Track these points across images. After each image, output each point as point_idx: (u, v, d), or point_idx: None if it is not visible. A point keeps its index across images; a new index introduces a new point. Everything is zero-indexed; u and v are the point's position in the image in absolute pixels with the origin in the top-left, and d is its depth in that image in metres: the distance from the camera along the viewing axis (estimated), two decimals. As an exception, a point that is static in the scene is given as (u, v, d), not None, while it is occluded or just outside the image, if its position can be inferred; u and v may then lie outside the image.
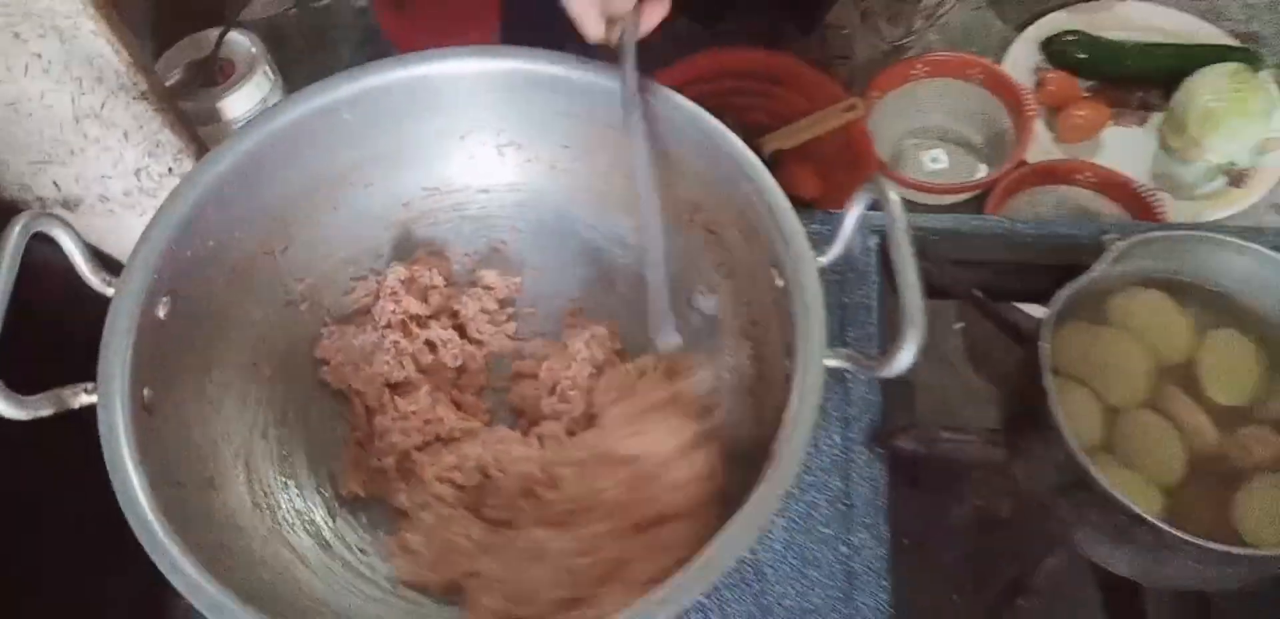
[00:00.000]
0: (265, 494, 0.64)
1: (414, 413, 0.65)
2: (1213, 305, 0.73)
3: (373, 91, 0.68)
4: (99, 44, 0.73)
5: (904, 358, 0.55)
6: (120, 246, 0.59)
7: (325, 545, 0.64)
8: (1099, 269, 0.68)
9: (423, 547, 0.61)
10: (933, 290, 0.86)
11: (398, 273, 0.69)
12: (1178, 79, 1.26)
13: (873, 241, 0.85)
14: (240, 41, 1.13)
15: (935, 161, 1.26)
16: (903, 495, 0.75)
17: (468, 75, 0.70)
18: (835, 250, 0.62)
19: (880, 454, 0.74)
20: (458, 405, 0.68)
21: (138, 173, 0.84)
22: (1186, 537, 0.58)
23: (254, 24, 1.22)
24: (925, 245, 0.85)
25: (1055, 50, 1.32)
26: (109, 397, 0.57)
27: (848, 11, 1.33)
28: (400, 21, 1.34)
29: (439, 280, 0.71)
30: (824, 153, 1.14)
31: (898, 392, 0.81)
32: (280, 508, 0.64)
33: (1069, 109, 1.25)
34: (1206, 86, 1.21)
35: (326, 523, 0.65)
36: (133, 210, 0.90)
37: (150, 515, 0.52)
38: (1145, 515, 0.59)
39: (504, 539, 0.60)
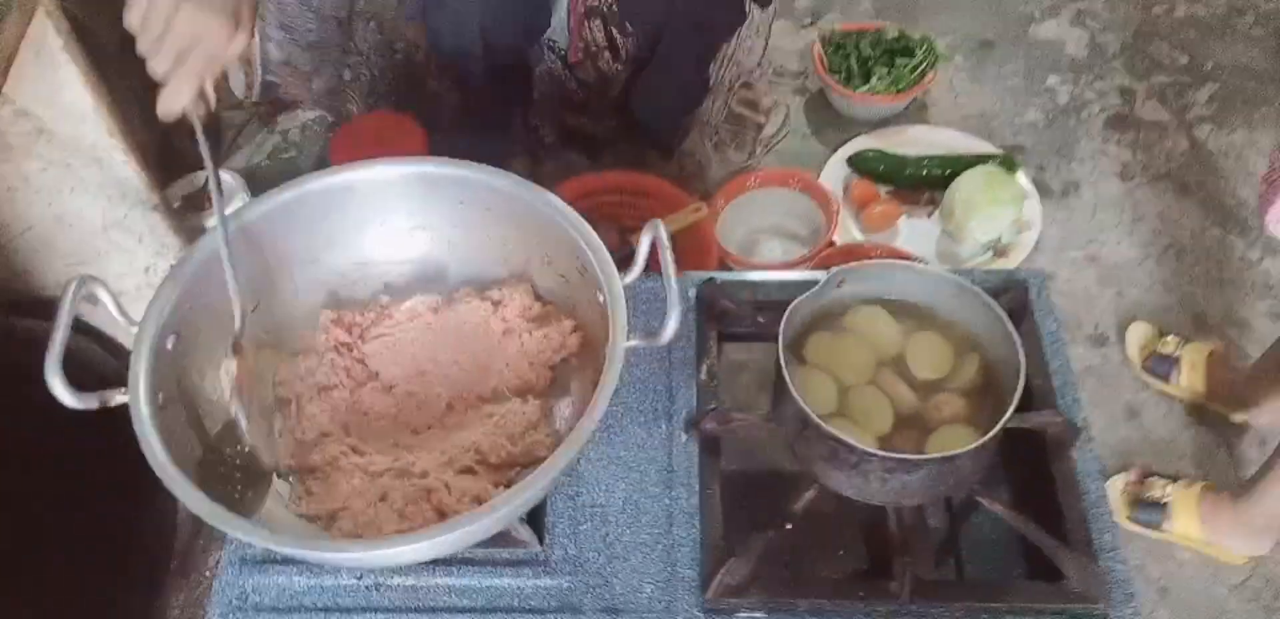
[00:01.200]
0: (245, 471, 0.85)
1: (332, 409, 0.88)
2: (916, 315, 0.98)
3: (314, 193, 0.91)
4: (127, 171, 0.96)
5: (670, 328, 0.79)
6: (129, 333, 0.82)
7: (285, 505, 0.85)
8: (819, 290, 0.93)
9: (318, 489, 0.81)
10: (743, 335, 1.11)
11: (329, 315, 0.92)
12: (953, 181, 1.54)
13: (691, 294, 1.10)
14: (225, 178, 1.37)
15: (771, 251, 1.52)
16: (710, 462, 0.97)
17: (385, 178, 0.95)
18: (634, 273, 0.86)
19: (694, 435, 0.97)
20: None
21: (146, 270, 1.06)
22: (870, 450, 0.82)
23: (236, 168, 1.46)
24: (738, 300, 1.11)
25: (859, 164, 1.58)
26: (136, 397, 0.78)
27: (702, 143, 1.61)
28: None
29: (362, 320, 0.94)
30: (681, 245, 1.39)
31: (708, 394, 1.04)
32: (256, 481, 0.85)
33: (870, 207, 1.51)
34: (967, 184, 1.47)
35: (285, 489, 0.86)
36: (140, 303, 1.12)
37: (170, 466, 0.74)
38: (845, 439, 0.83)
39: (367, 487, 0.82)
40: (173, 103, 0.79)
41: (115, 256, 1.03)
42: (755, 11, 1.43)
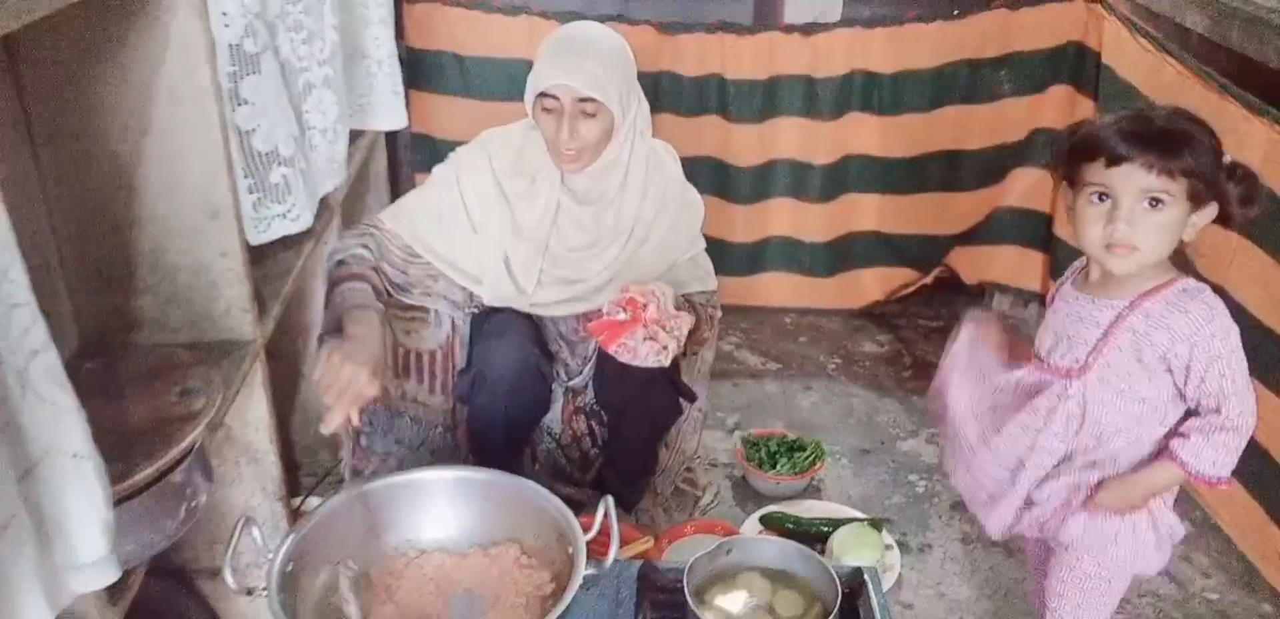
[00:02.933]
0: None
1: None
2: (782, 577, 1.35)
3: (379, 488, 1.34)
4: (274, 470, 1.36)
5: (611, 555, 1.17)
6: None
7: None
8: (712, 553, 1.32)
9: None
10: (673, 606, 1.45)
11: (372, 570, 1.28)
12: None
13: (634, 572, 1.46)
14: (313, 501, 1.77)
15: (703, 581, 1.87)
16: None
17: (434, 477, 1.36)
18: (593, 531, 1.25)
19: (632, 652, 1.29)
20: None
21: (263, 543, 1.42)
22: (739, 638, 1.16)
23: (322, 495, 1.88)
24: (664, 580, 1.47)
25: (769, 522, 1.94)
26: (271, 591, 1.15)
27: (655, 508, 2.01)
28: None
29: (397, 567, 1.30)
30: (634, 568, 1.76)
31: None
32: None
33: (775, 550, 1.90)
34: (844, 533, 1.84)
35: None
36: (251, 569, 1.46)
37: (289, 619, 1.09)
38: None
39: None
40: (332, 422, 1.28)
41: (245, 537, 1.40)
42: (688, 407, 1.92)
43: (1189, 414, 1.27)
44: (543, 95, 1.65)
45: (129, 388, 1.02)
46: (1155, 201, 1.19)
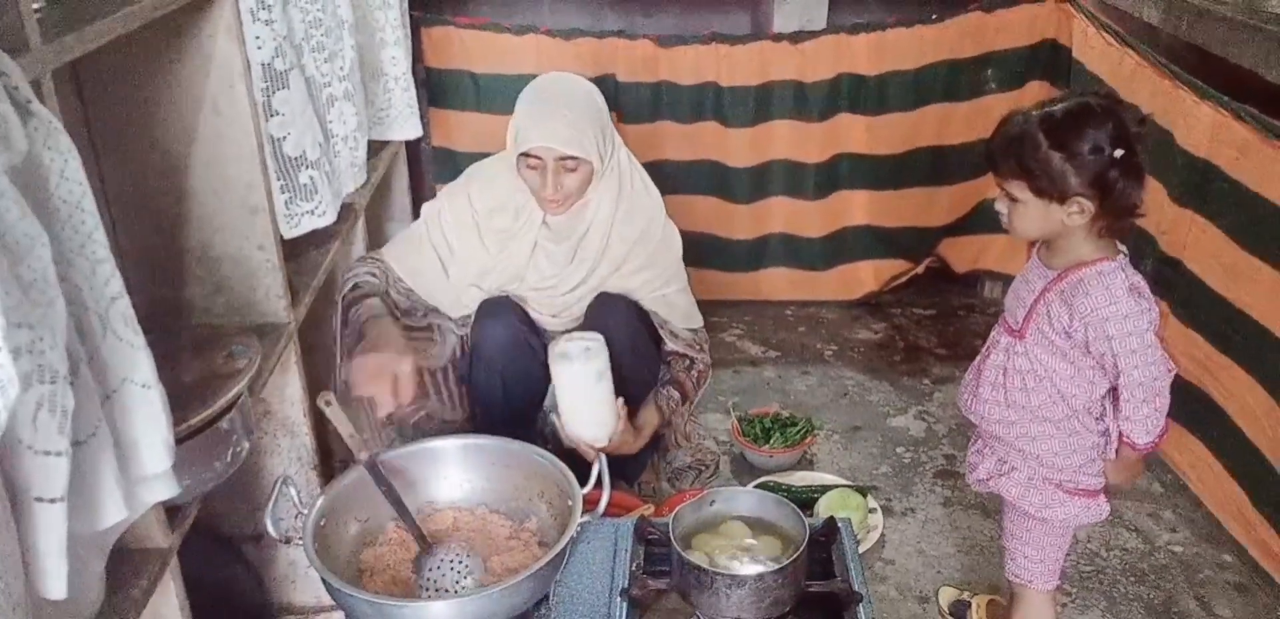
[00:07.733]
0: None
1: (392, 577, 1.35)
2: (761, 524, 1.47)
3: (401, 455, 1.46)
4: (308, 440, 1.50)
5: (603, 504, 1.30)
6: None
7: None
8: (697, 504, 1.44)
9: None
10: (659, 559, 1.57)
11: (393, 524, 1.41)
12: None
13: (630, 525, 1.58)
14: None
15: (700, 544, 1.99)
16: (634, 614, 1.41)
17: (449, 445, 1.49)
18: (589, 485, 1.38)
19: (624, 597, 1.42)
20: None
21: (299, 513, 1.56)
22: (714, 570, 1.28)
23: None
24: (655, 532, 1.59)
25: (768, 488, 2.10)
26: (307, 542, 1.28)
27: (655, 477, 2.13)
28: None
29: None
30: (635, 531, 1.87)
31: (634, 577, 1.49)
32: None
33: (767, 515, 2.02)
34: (829, 496, 1.96)
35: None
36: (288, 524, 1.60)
37: (322, 566, 1.22)
38: (701, 564, 1.29)
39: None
40: (385, 404, 1.56)
41: (281, 500, 1.54)
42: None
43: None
44: (526, 154, 1.75)
45: (183, 354, 1.16)
46: (1011, 198, 1.33)
